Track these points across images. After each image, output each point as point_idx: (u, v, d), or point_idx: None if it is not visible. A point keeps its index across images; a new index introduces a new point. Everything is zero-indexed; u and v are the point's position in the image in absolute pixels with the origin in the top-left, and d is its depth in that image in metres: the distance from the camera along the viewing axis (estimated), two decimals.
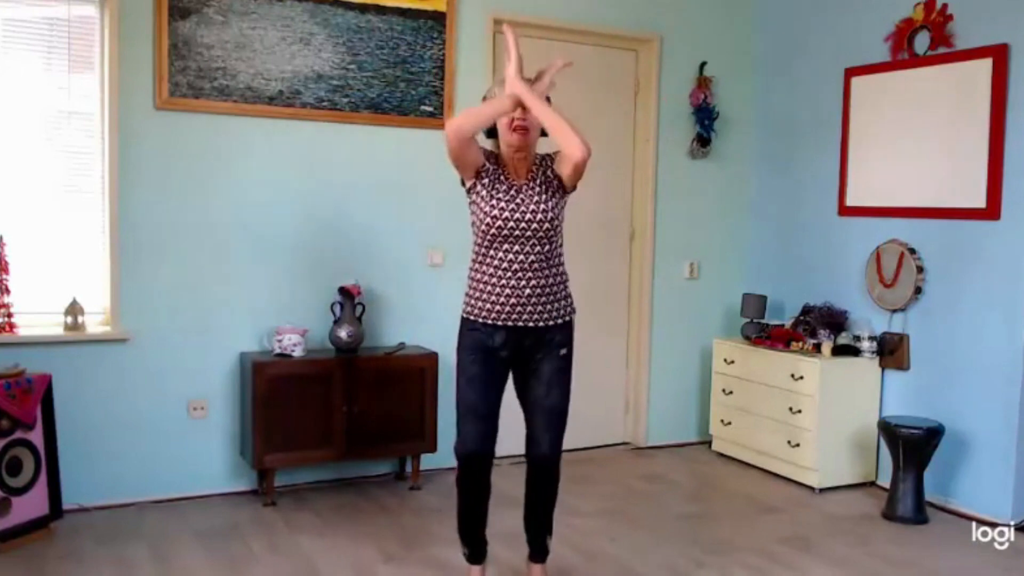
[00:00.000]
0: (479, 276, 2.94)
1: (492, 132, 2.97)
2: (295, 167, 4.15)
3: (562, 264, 3.00)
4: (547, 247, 2.91)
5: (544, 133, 2.94)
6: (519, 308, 2.90)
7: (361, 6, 4.19)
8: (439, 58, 4.37)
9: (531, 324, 2.92)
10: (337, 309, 4.12)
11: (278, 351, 3.99)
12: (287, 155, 4.13)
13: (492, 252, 2.90)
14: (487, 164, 2.92)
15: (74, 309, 3.77)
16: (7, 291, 3.64)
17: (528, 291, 2.89)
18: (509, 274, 2.89)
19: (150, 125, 3.86)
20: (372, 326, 4.34)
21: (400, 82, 4.30)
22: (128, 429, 3.90)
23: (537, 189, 2.90)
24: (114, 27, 3.76)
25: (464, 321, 2.98)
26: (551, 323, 2.95)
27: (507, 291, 2.89)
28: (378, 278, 4.34)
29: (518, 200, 2.87)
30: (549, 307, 2.94)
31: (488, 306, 2.91)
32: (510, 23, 4.52)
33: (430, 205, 4.34)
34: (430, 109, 4.38)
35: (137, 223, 3.86)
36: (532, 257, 2.89)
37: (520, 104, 2.82)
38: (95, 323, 3.89)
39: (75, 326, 3.77)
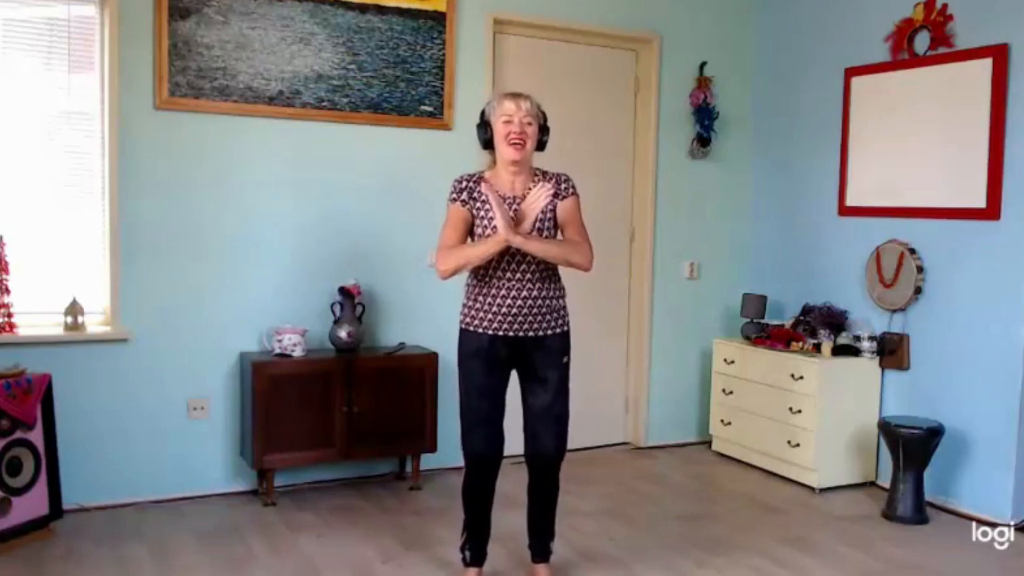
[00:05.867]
0: (479, 287, 2.97)
1: (489, 144, 2.99)
2: (295, 167, 4.15)
3: (560, 277, 3.06)
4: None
5: (540, 148, 2.99)
6: (520, 319, 2.93)
7: (361, 6, 4.19)
8: (439, 58, 4.37)
9: (531, 334, 2.96)
10: (337, 309, 4.12)
11: (278, 351, 3.99)
12: (287, 155, 4.13)
13: (492, 263, 2.93)
14: (474, 201, 2.96)
15: (74, 309, 3.77)
16: (7, 291, 3.64)
17: (531, 302, 2.93)
18: (509, 285, 2.92)
19: (150, 125, 3.86)
20: (372, 326, 4.34)
21: (400, 82, 4.30)
22: (128, 429, 3.90)
23: None
24: (114, 27, 3.76)
25: (464, 332, 3.01)
26: (549, 332, 2.99)
27: (508, 302, 2.92)
28: (378, 278, 4.34)
29: (514, 211, 2.91)
30: (548, 317, 2.99)
31: (490, 316, 2.94)
32: (510, 23, 4.58)
33: (430, 205, 4.33)
34: (430, 109, 4.38)
35: (137, 223, 3.86)
36: (530, 268, 2.93)
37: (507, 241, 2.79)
38: (95, 323, 3.89)
39: (75, 326, 3.77)
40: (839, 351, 4.42)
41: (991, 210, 3.92)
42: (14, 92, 3.72)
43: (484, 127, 2.99)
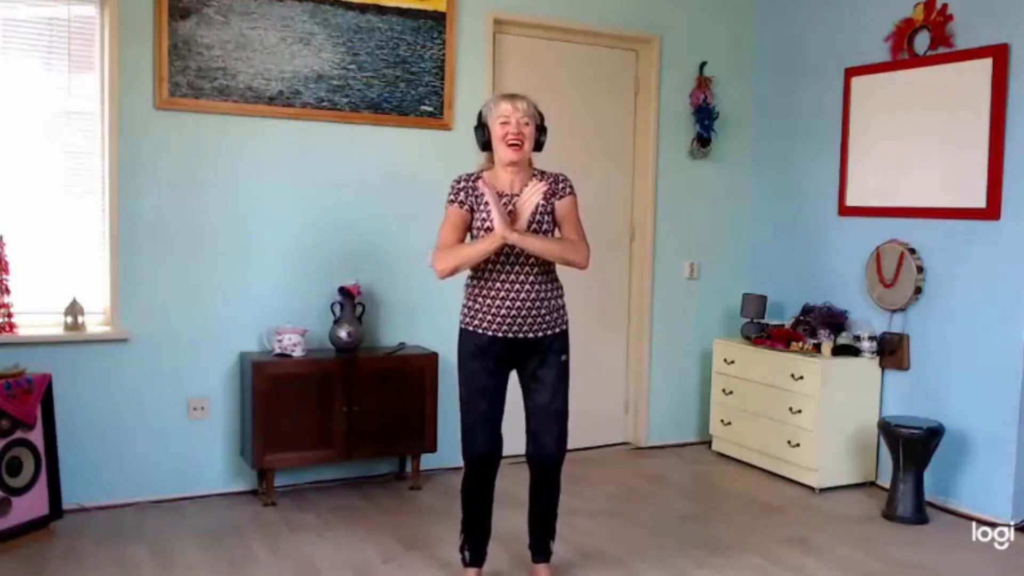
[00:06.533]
0: (478, 288, 2.98)
1: (487, 146, 2.99)
2: (295, 167, 4.15)
3: (558, 276, 3.06)
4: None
5: (538, 148, 2.99)
6: (519, 320, 2.94)
7: (361, 6, 4.19)
8: (439, 58, 4.37)
9: (530, 335, 2.96)
10: (337, 309, 4.12)
11: (278, 351, 3.99)
12: (287, 155, 4.13)
13: (491, 263, 2.93)
14: (474, 199, 2.96)
15: (74, 309, 3.77)
16: (7, 291, 3.64)
17: (529, 303, 2.94)
18: (508, 286, 2.93)
19: (150, 125, 3.86)
20: (372, 326, 4.34)
21: (400, 82, 4.30)
22: (128, 429, 3.91)
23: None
24: (114, 27, 3.76)
25: (463, 332, 3.01)
26: (549, 332, 2.99)
27: (507, 303, 2.93)
28: (378, 278, 4.34)
29: (510, 207, 2.90)
30: (548, 317, 2.99)
31: (489, 317, 2.94)
32: (510, 23, 4.58)
33: (429, 205, 4.32)
34: (430, 109, 4.38)
35: (137, 223, 3.86)
36: (529, 268, 2.94)
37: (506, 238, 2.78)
38: (95, 323, 3.88)
39: (75, 326, 3.77)
40: (839, 351, 4.42)
41: (991, 210, 3.92)
42: (14, 92, 3.72)
43: (481, 129, 3.00)
